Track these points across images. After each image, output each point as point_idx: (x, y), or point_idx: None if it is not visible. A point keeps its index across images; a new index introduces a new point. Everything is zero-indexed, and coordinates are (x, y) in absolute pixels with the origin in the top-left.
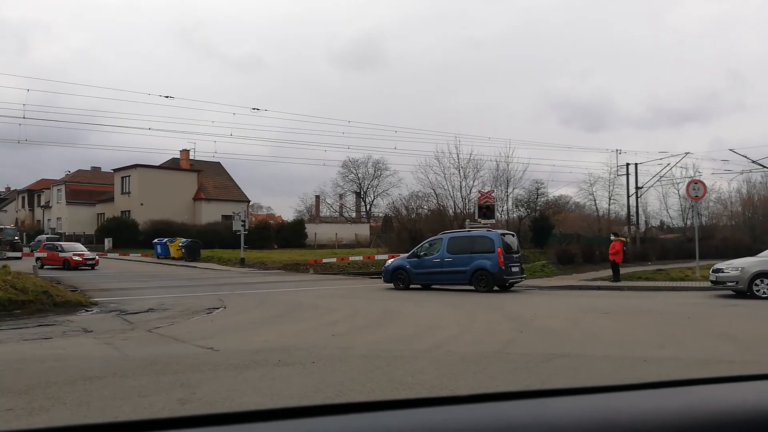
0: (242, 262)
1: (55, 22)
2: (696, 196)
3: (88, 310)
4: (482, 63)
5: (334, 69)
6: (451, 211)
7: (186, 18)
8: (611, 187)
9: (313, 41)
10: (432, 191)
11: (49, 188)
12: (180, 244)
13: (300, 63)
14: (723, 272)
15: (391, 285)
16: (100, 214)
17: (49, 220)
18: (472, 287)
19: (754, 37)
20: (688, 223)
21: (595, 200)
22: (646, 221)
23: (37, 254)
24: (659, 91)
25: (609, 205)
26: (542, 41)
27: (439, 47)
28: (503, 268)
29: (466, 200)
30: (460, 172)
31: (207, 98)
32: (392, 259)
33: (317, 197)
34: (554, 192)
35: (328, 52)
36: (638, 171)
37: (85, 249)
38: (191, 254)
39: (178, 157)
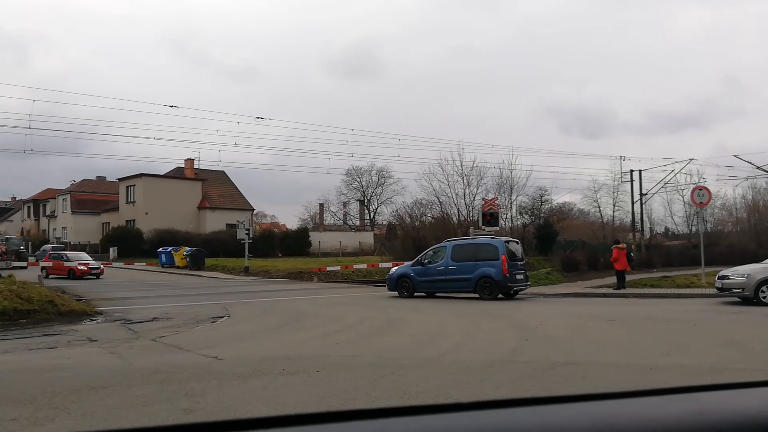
0: (246, 271)
1: (53, 34)
2: (701, 203)
3: (93, 320)
4: (480, 72)
5: (332, 78)
6: (455, 219)
7: (181, 28)
8: (615, 194)
9: (309, 50)
10: (436, 199)
11: (55, 198)
12: (184, 253)
13: (298, 72)
14: (729, 279)
15: (396, 293)
16: (105, 223)
17: (54, 229)
18: (477, 295)
19: (751, 44)
20: (693, 229)
21: (599, 207)
22: (650, 228)
23: (42, 264)
24: (658, 98)
25: (613, 211)
26: (540, 50)
27: (437, 56)
28: (508, 275)
29: (470, 208)
30: (463, 180)
31: (209, 108)
32: (396, 267)
33: (321, 205)
34: (558, 199)
35: (325, 62)
36: (642, 177)
37: (90, 258)
38: (196, 263)
39: (183, 166)
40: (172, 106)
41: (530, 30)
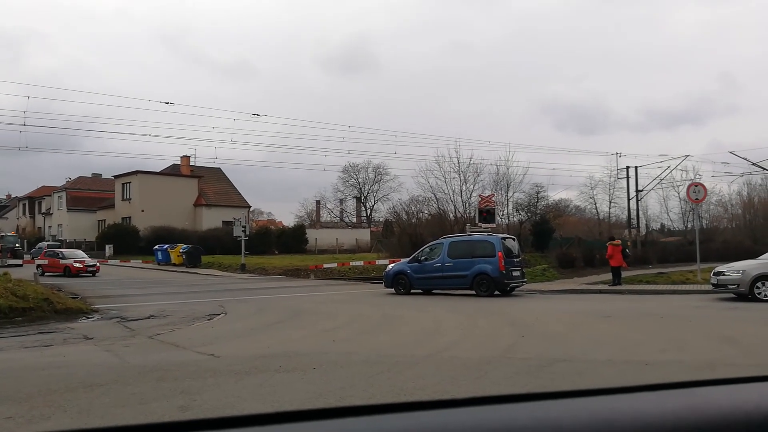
0: (243, 268)
1: (47, 31)
2: (696, 199)
3: (89, 317)
4: (476, 68)
5: (329, 75)
6: (451, 216)
7: (175, 25)
8: (611, 191)
9: (305, 47)
10: (432, 195)
11: (50, 195)
12: (181, 251)
13: (294, 68)
14: (724, 275)
15: (392, 290)
16: (101, 220)
17: (50, 227)
18: (473, 292)
19: (746, 41)
20: (689, 225)
21: (595, 204)
22: (646, 224)
23: (37, 261)
24: (653, 95)
25: (609, 208)
26: (536, 47)
27: (433, 53)
28: (504, 272)
29: (467, 204)
30: (460, 176)
31: (205, 104)
32: (393, 264)
33: (318, 202)
34: (554, 195)
35: (321, 58)
36: (638, 174)
37: (85, 256)
38: (192, 260)
39: (179, 163)
40: (167, 103)
41: (526, 27)
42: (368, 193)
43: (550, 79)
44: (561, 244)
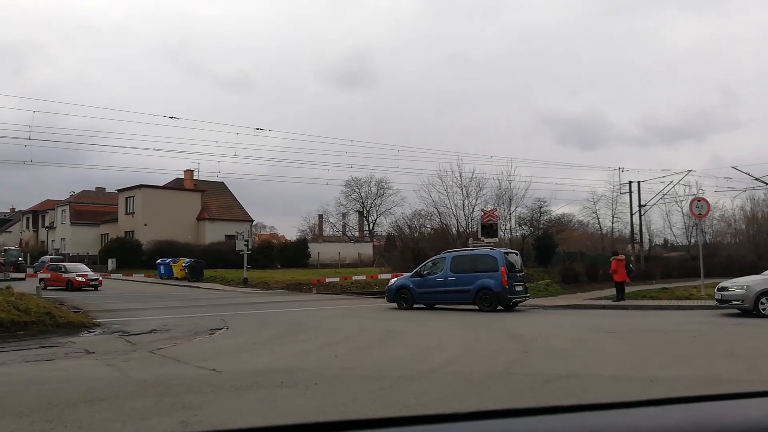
0: (245, 282)
1: (49, 44)
2: (699, 214)
3: (90, 332)
4: (478, 82)
5: (331, 89)
6: (454, 230)
7: (177, 39)
8: (614, 205)
9: (307, 61)
10: (435, 210)
11: (54, 209)
12: (183, 265)
13: (297, 83)
14: (728, 290)
15: (395, 304)
16: (104, 234)
17: (53, 240)
18: (476, 307)
19: (745, 55)
20: (692, 241)
21: (598, 218)
22: (649, 239)
23: (40, 275)
24: (653, 109)
25: (612, 223)
26: (536, 61)
27: (433, 67)
28: (507, 287)
29: (469, 219)
30: (462, 191)
31: (208, 118)
32: (395, 279)
33: (320, 216)
34: (557, 210)
35: (324, 73)
36: (641, 189)
37: (88, 270)
38: (194, 274)
39: (182, 177)
40: (172, 117)
41: (525, 41)
42: (371, 207)
43: (549, 93)
44: (564, 259)
